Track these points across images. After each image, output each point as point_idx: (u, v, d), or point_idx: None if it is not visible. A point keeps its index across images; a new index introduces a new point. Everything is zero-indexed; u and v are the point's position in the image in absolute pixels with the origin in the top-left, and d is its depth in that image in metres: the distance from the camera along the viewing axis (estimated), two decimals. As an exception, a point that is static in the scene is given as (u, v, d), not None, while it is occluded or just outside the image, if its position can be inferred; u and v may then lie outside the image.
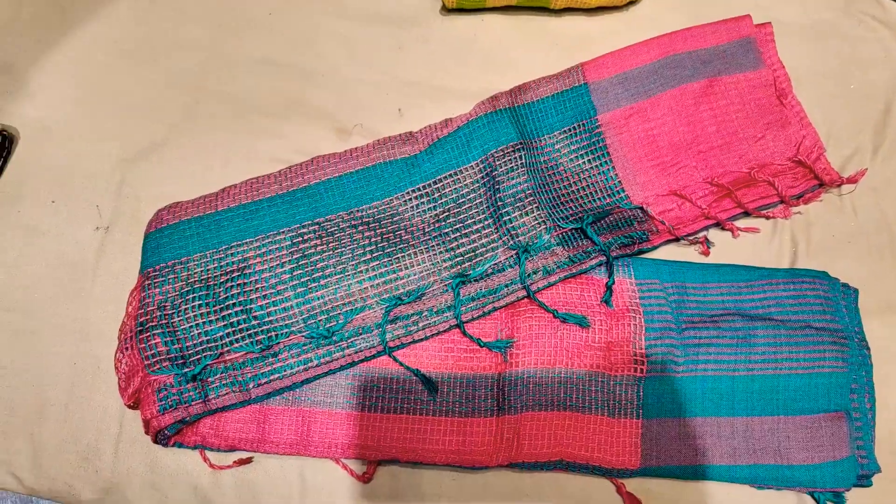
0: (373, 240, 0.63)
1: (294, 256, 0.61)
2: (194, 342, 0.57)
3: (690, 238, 0.67)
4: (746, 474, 0.58)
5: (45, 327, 0.63)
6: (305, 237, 0.62)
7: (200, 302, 0.59)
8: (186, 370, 0.56)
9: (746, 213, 0.68)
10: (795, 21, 0.77)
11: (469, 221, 0.64)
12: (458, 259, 0.62)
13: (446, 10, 0.77)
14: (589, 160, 0.66)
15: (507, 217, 0.63)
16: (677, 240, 0.66)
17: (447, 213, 0.64)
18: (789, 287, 0.64)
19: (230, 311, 0.58)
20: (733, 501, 0.59)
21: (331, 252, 0.61)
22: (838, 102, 0.73)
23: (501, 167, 0.65)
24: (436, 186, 0.65)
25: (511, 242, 0.63)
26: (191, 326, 0.57)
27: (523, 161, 0.66)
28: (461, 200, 0.65)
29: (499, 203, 0.64)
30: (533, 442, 0.58)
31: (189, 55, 0.75)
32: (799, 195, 0.68)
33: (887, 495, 0.59)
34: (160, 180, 0.68)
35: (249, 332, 0.58)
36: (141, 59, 0.74)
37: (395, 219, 0.64)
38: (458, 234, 0.63)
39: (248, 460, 0.58)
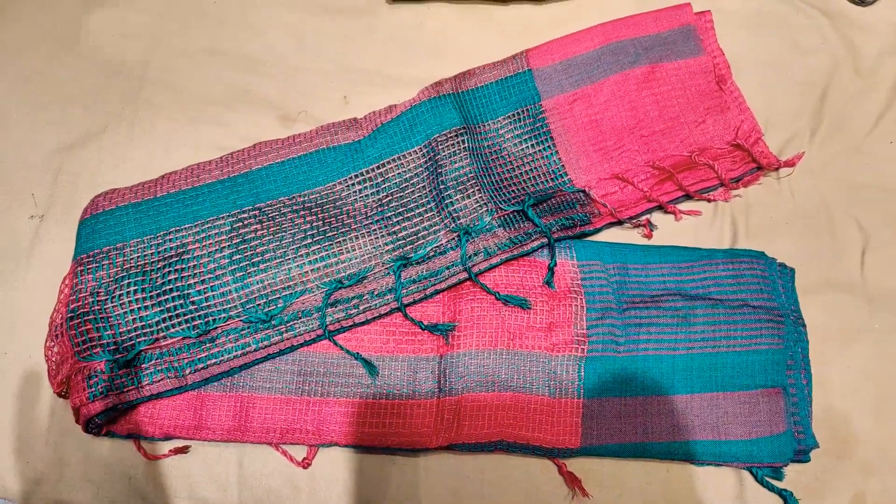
0: (314, 224, 0.62)
1: (233, 241, 0.60)
2: (128, 328, 0.56)
3: (633, 221, 0.67)
4: (685, 451, 0.59)
5: (-23, 317, 0.61)
6: (245, 222, 0.62)
7: (136, 288, 0.57)
8: (119, 356, 0.55)
9: (688, 196, 0.69)
10: (737, 9, 0.78)
11: (412, 205, 0.64)
12: (399, 242, 0.62)
13: (393, 0, 0.77)
14: (532, 145, 0.67)
15: (449, 200, 0.63)
16: (620, 223, 0.67)
17: (390, 198, 0.64)
18: (728, 267, 0.65)
19: (167, 297, 0.57)
20: (674, 479, 0.59)
21: (271, 237, 0.61)
22: (778, 89, 0.74)
23: (444, 151, 0.65)
24: (379, 171, 0.65)
25: (453, 225, 0.63)
26: (125, 312, 0.56)
27: (466, 145, 0.66)
28: (404, 185, 0.65)
29: (441, 186, 0.64)
30: (473, 423, 0.57)
31: (131, 44, 0.74)
32: (738, 178, 0.69)
33: (826, 471, 0.60)
34: (99, 169, 0.67)
35: (186, 316, 0.57)
36: (82, 49, 0.73)
37: (337, 203, 0.64)
38: (401, 217, 0.63)
39: (185, 449, 0.57)
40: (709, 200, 0.69)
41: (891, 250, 0.67)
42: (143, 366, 0.56)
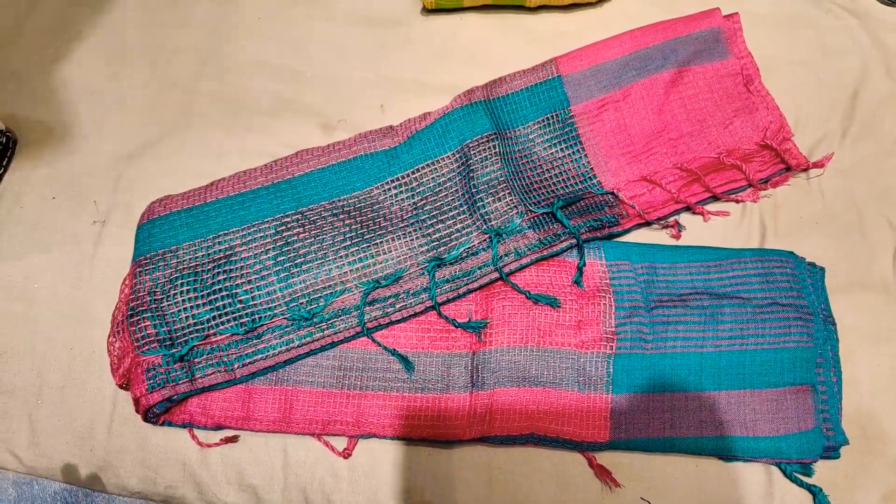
0: (353, 227, 0.64)
1: (278, 244, 0.63)
2: (182, 325, 0.59)
3: (662, 222, 0.67)
4: (714, 445, 0.58)
5: (45, 315, 0.65)
6: (289, 226, 0.64)
7: (188, 287, 0.60)
8: (174, 351, 0.57)
9: (716, 198, 0.68)
10: (767, 12, 0.77)
11: (445, 208, 0.65)
12: (433, 244, 0.63)
13: (426, 10, 0.78)
14: (562, 148, 0.67)
15: (481, 203, 0.64)
16: (648, 224, 0.67)
17: (424, 201, 0.66)
18: (756, 266, 0.64)
19: (216, 296, 0.60)
20: (702, 473, 0.59)
21: (312, 239, 0.63)
22: (808, 90, 0.73)
23: (476, 156, 0.66)
24: (414, 176, 0.67)
25: (484, 227, 0.64)
26: (179, 310, 0.59)
27: (497, 150, 0.67)
28: (438, 189, 0.66)
29: (473, 190, 0.65)
30: (505, 416, 0.58)
31: (184, 58, 0.77)
32: (767, 179, 0.68)
33: (856, 468, 0.59)
34: (155, 176, 0.71)
35: (234, 315, 0.60)
36: (139, 64, 0.77)
37: (374, 207, 0.66)
38: (435, 220, 0.65)
39: (234, 438, 0.60)
40: (737, 201, 0.69)
41: (923, 250, 0.66)
42: (195, 360, 0.58)
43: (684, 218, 0.68)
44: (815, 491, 0.58)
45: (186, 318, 0.59)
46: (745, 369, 0.61)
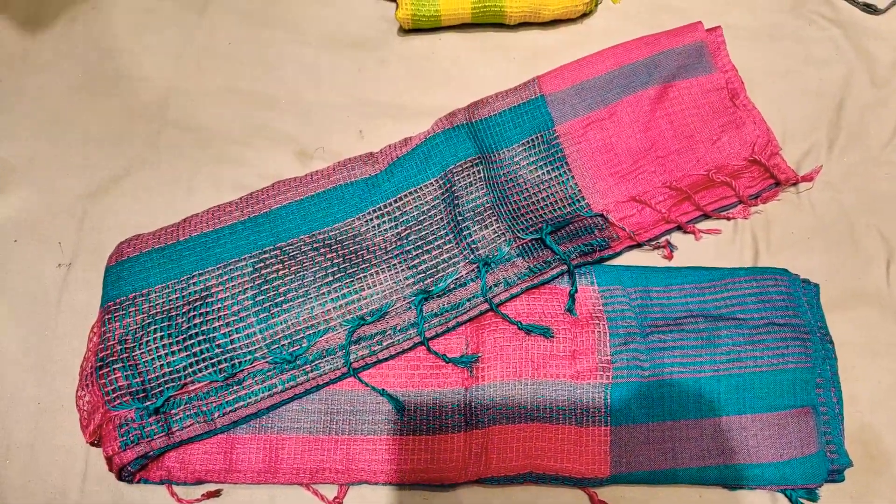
0: (334, 261, 0.61)
1: (256, 282, 0.59)
2: (156, 374, 0.55)
3: (653, 243, 0.65)
4: (717, 475, 0.56)
5: (9, 367, 0.60)
6: (267, 262, 0.61)
7: (162, 333, 0.57)
8: (148, 403, 0.54)
9: (707, 216, 0.66)
10: (749, 24, 0.76)
11: (430, 237, 0.62)
12: (420, 276, 0.61)
13: (403, 31, 0.75)
14: (548, 171, 0.65)
15: (467, 231, 0.62)
16: (640, 245, 0.65)
17: (408, 231, 0.63)
18: (751, 285, 0.63)
19: (193, 341, 0.56)
20: (706, 503, 0.57)
21: (292, 276, 0.60)
22: (793, 101, 0.72)
23: (460, 182, 0.64)
24: (396, 205, 0.64)
25: (472, 256, 0.61)
26: (152, 359, 0.55)
27: (482, 175, 0.64)
28: (422, 217, 0.63)
29: (458, 218, 0.62)
30: (502, 455, 0.56)
31: (149, 87, 0.73)
32: (757, 194, 0.67)
33: (861, 488, 0.57)
34: (122, 213, 0.66)
35: (213, 360, 0.56)
36: (101, 94, 0.72)
37: (356, 239, 0.63)
38: (420, 250, 0.62)
39: (217, 493, 0.56)
40: (728, 218, 0.67)
41: (916, 261, 0.65)
42: (172, 412, 0.55)
43: (675, 237, 0.66)
44: (821, 517, 0.56)
45: (161, 366, 0.55)
46: (745, 393, 0.59)
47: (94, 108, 0.71)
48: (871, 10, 0.75)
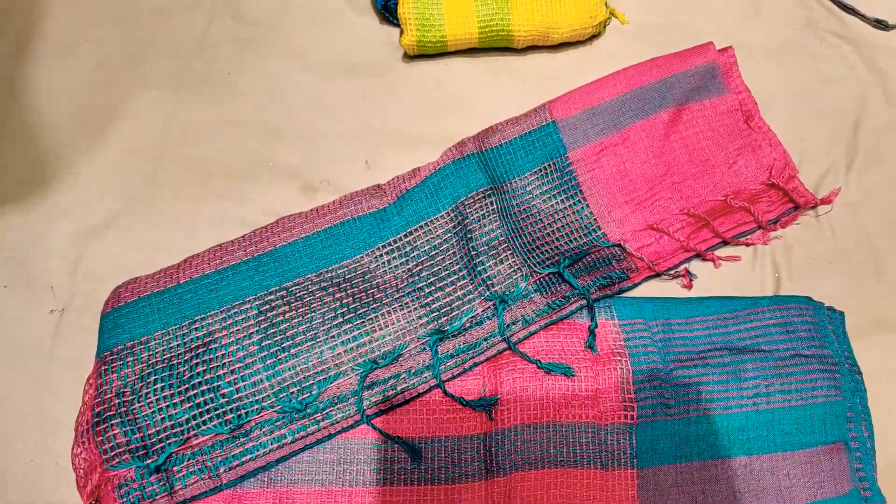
0: (344, 301, 0.58)
1: (262, 326, 0.56)
2: (157, 429, 0.52)
3: (671, 272, 0.63)
4: (750, 519, 0.54)
5: (4, 422, 0.57)
6: (273, 304, 0.58)
7: (163, 384, 0.54)
8: (149, 461, 0.50)
9: (725, 242, 0.64)
10: (760, 43, 0.74)
11: (443, 273, 0.60)
12: (433, 315, 0.58)
13: (408, 57, 0.73)
14: (562, 199, 0.63)
15: (482, 267, 0.59)
16: (658, 275, 0.63)
17: (420, 267, 0.60)
18: (775, 315, 0.60)
19: (196, 391, 0.53)
20: (739, 548, 0.54)
21: (300, 318, 0.57)
22: (808, 121, 0.70)
23: (473, 214, 0.61)
24: (407, 240, 0.61)
25: (487, 293, 0.59)
26: (153, 412, 0.52)
27: (494, 206, 0.62)
28: (434, 252, 0.61)
29: (472, 252, 0.60)
30: (525, 504, 0.53)
31: (146, 121, 0.70)
32: (776, 219, 0.65)
33: (894, 525, 0.55)
34: (118, 255, 0.63)
35: (217, 411, 0.53)
36: (95, 129, 0.69)
37: (366, 277, 0.60)
38: (433, 287, 0.59)
39: (225, 551, 0.53)
40: (747, 244, 0.65)
41: (940, 284, 0.63)
42: (174, 468, 0.51)
43: (694, 265, 0.64)
44: (856, 557, 0.54)
45: (162, 419, 0.52)
46: (774, 430, 0.56)
47: (87, 145, 0.68)
48: (882, 25, 0.74)
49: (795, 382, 0.57)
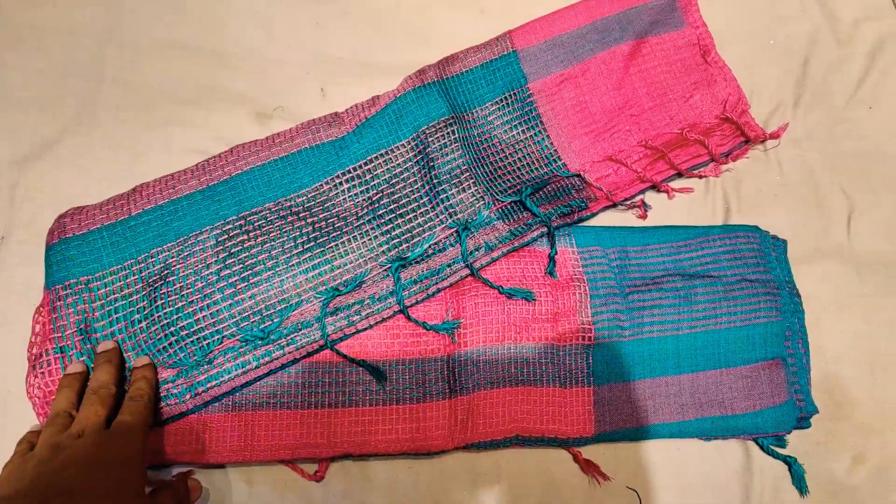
0: (304, 230, 0.60)
1: (220, 256, 0.58)
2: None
3: (628, 202, 0.68)
4: (695, 428, 0.61)
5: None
6: (231, 234, 0.59)
7: (126, 322, 0.55)
8: (113, 391, 0.52)
9: (679, 174, 0.70)
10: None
11: (404, 202, 0.63)
12: (394, 242, 0.61)
13: (364, -20, 0.74)
14: (523, 130, 0.66)
15: (444, 195, 0.62)
16: (615, 205, 0.67)
17: (380, 195, 0.63)
18: (724, 243, 0.66)
19: (157, 326, 0.55)
20: (683, 455, 0.61)
21: (259, 247, 0.59)
22: (760, 58, 0.75)
23: (434, 143, 0.64)
24: (367, 168, 0.64)
25: (450, 221, 0.62)
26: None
27: (456, 136, 0.65)
28: (394, 181, 0.63)
29: (434, 181, 0.63)
30: (487, 420, 0.58)
31: (84, 41, 0.69)
32: (728, 152, 0.70)
33: (827, 435, 0.63)
34: (59, 182, 0.63)
35: (180, 344, 0.55)
36: (28, 50, 0.68)
37: (325, 206, 0.62)
38: (393, 215, 0.62)
39: (189, 473, 0.56)
40: (700, 177, 0.70)
41: (875, 215, 0.70)
42: (139, 395, 0.54)
43: (649, 196, 0.69)
44: (790, 461, 0.61)
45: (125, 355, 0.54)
46: (720, 348, 0.63)
47: (20, 67, 0.67)
48: (832, -35, 0.79)
49: (741, 305, 0.64)
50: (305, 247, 0.60)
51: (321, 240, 0.60)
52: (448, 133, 0.64)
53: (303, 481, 0.57)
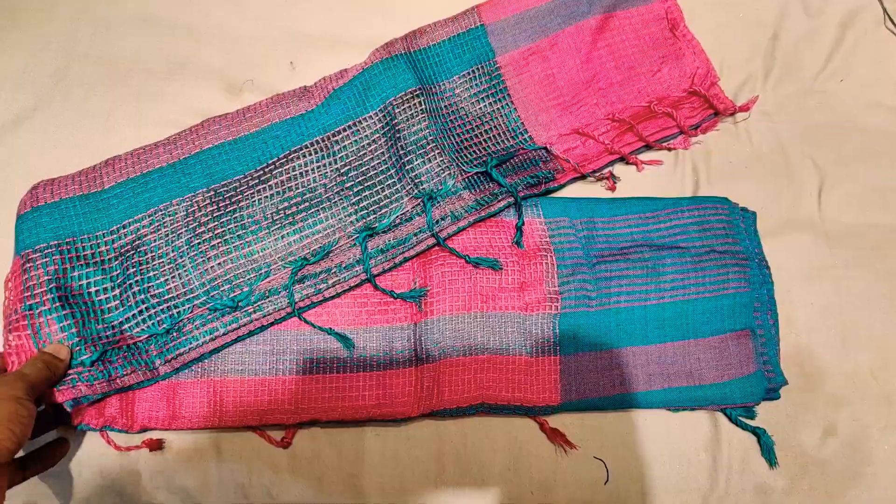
0: (273, 201, 0.64)
1: (190, 226, 0.62)
2: (92, 328, 0.58)
3: (597, 174, 0.72)
4: (662, 398, 0.64)
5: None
6: (201, 205, 0.63)
7: (98, 288, 0.59)
8: (83, 357, 0.56)
9: (649, 147, 0.74)
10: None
11: (371, 173, 0.67)
12: (362, 212, 0.65)
13: (333, -45, 0.78)
14: (490, 103, 0.70)
15: (410, 165, 0.66)
16: (584, 177, 0.71)
17: (348, 167, 0.67)
18: (693, 214, 0.70)
19: (128, 294, 0.59)
20: (651, 426, 0.65)
21: (229, 217, 0.63)
22: (730, 31, 0.79)
23: (402, 114, 0.68)
24: (335, 139, 0.67)
25: (416, 191, 0.66)
26: (87, 312, 0.58)
27: (424, 107, 0.69)
28: (362, 152, 0.67)
29: (401, 152, 0.67)
30: (453, 388, 0.62)
31: (52, 16, 0.73)
32: (697, 125, 0.74)
33: (796, 406, 0.66)
34: (32, 154, 0.68)
35: (150, 311, 0.59)
36: (1, 25, 0.72)
37: (295, 177, 0.66)
38: (361, 186, 0.66)
39: (159, 441, 0.60)
40: (669, 149, 0.74)
41: (845, 187, 0.74)
42: (110, 359, 0.57)
43: (618, 169, 0.73)
44: (759, 433, 0.64)
45: (95, 321, 0.58)
46: (688, 319, 0.66)
47: (-10, 42, 0.71)
48: (805, -60, 0.83)
49: (709, 276, 0.67)
50: (275, 218, 0.64)
51: (290, 210, 0.64)
52: (415, 104, 0.68)
53: (269, 447, 0.61)
